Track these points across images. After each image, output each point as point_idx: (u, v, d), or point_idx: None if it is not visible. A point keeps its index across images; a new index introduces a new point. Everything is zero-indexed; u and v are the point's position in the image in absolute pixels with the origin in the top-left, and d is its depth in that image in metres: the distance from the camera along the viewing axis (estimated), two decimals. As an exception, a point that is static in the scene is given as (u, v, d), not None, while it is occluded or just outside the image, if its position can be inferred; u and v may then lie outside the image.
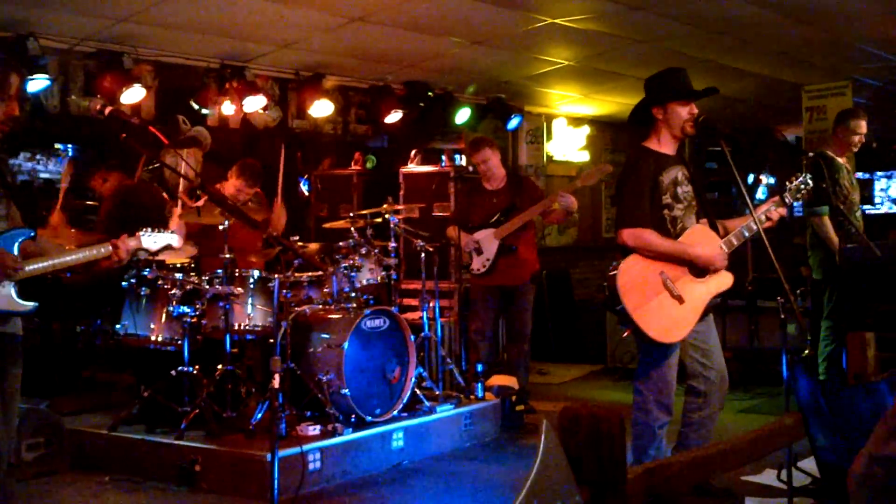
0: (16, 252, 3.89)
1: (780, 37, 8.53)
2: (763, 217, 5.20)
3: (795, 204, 5.77)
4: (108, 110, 4.16)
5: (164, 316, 6.35)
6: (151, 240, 4.50)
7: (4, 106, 3.88)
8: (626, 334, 5.05)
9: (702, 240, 5.15)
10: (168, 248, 4.66)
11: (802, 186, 5.33)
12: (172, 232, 4.60)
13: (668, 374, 5.17)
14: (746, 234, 5.20)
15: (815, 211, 7.38)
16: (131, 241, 4.38)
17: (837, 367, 7.40)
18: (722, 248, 5.13)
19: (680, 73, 5.28)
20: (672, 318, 5.00)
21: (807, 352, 7.87)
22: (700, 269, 5.11)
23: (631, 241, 5.03)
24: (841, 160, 7.53)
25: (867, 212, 10.34)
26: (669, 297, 5.00)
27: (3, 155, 4.09)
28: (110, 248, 4.24)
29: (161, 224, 4.70)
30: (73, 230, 7.65)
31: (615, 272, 5.00)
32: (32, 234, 4.02)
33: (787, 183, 5.37)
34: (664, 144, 5.23)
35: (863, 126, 7.59)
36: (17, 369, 3.97)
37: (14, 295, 3.87)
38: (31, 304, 3.94)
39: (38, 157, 9.87)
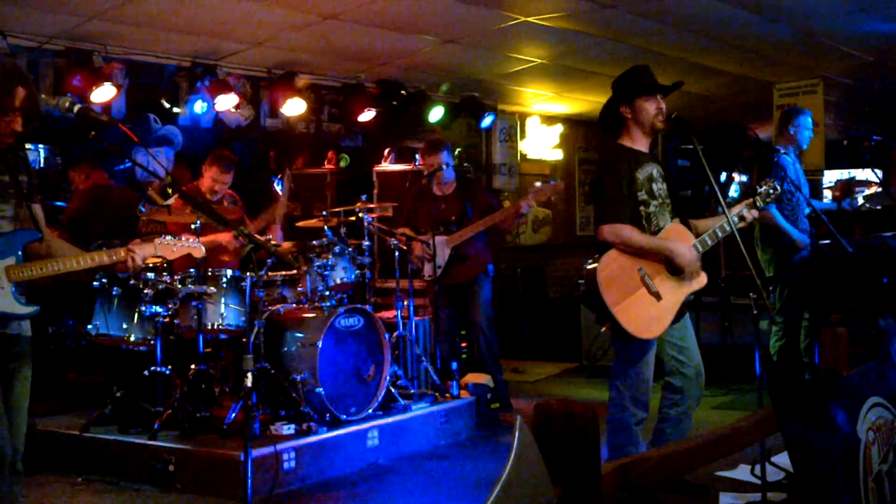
0: (20, 254, 3.84)
1: (752, 35, 8.57)
2: (736, 218, 5.24)
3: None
4: (76, 108, 4.11)
5: (136, 316, 6.31)
6: (170, 247, 4.42)
7: (7, 119, 3.78)
8: (604, 329, 5.05)
9: (678, 238, 5.17)
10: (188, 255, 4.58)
11: (771, 191, 5.42)
12: (196, 240, 4.52)
13: (645, 370, 5.18)
14: (720, 235, 5.23)
15: (764, 207, 7.47)
16: (146, 248, 4.30)
17: (788, 361, 7.50)
18: (696, 248, 5.15)
19: (644, 70, 5.29)
20: (650, 314, 5.01)
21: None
22: (677, 267, 5.13)
23: (611, 237, 5.03)
24: (789, 157, 7.64)
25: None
26: (647, 294, 5.01)
27: (20, 155, 4.00)
28: (122, 253, 4.15)
29: (128, 228, 4.63)
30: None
31: (595, 266, 5.00)
32: (39, 237, 3.97)
33: (758, 187, 5.45)
34: (637, 142, 5.24)
35: (808, 122, 7.75)
36: (24, 371, 3.92)
37: (13, 297, 3.81)
38: (31, 308, 3.89)
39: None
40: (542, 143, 12.23)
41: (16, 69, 3.94)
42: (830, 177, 12.62)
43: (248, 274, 6.19)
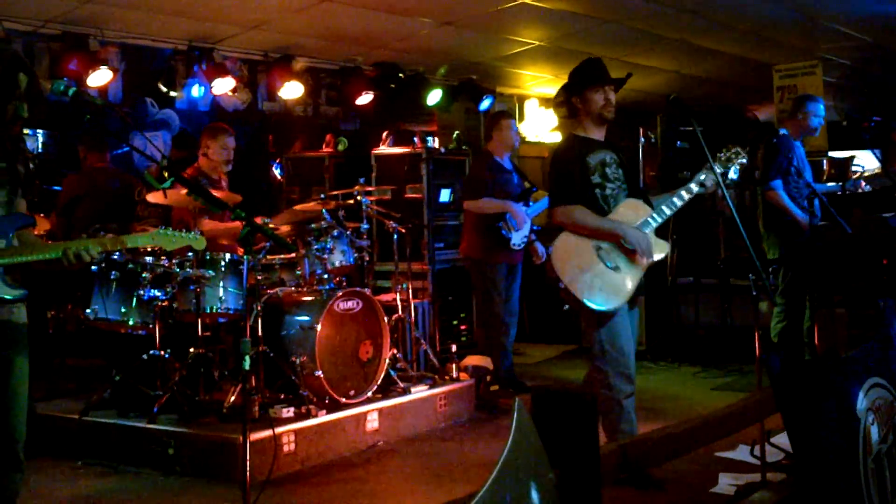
0: (11, 238, 3.79)
1: (751, 16, 8.54)
2: (684, 193, 5.30)
3: None
4: (71, 92, 4.08)
5: (134, 300, 6.29)
6: (169, 239, 4.37)
7: (13, 106, 3.77)
8: (566, 307, 5.13)
9: (630, 212, 5.26)
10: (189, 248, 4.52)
11: (733, 156, 5.41)
12: (196, 233, 4.48)
13: (620, 343, 5.22)
14: (668, 212, 5.30)
15: (769, 186, 7.46)
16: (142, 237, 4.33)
17: (789, 343, 7.51)
18: (642, 228, 5.19)
19: (595, 62, 5.46)
20: (610, 285, 5.11)
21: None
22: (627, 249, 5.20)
23: (563, 218, 5.20)
24: (796, 141, 7.64)
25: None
26: (605, 268, 5.09)
27: (20, 144, 3.97)
28: (108, 244, 4.09)
29: (126, 211, 4.56)
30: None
31: (550, 247, 5.17)
32: (33, 222, 3.96)
33: (718, 153, 5.44)
34: (590, 130, 5.40)
35: (820, 109, 7.72)
36: (20, 359, 3.83)
37: (1, 281, 3.74)
38: (18, 292, 3.80)
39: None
40: (540, 126, 12.21)
41: (17, 56, 3.91)
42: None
43: (246, 257, 6.18)
